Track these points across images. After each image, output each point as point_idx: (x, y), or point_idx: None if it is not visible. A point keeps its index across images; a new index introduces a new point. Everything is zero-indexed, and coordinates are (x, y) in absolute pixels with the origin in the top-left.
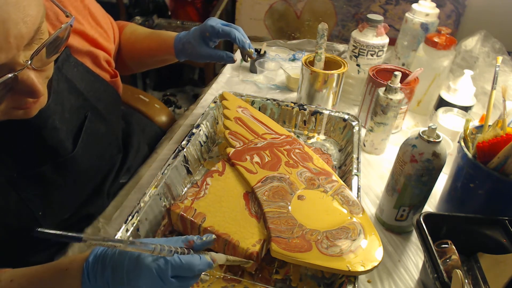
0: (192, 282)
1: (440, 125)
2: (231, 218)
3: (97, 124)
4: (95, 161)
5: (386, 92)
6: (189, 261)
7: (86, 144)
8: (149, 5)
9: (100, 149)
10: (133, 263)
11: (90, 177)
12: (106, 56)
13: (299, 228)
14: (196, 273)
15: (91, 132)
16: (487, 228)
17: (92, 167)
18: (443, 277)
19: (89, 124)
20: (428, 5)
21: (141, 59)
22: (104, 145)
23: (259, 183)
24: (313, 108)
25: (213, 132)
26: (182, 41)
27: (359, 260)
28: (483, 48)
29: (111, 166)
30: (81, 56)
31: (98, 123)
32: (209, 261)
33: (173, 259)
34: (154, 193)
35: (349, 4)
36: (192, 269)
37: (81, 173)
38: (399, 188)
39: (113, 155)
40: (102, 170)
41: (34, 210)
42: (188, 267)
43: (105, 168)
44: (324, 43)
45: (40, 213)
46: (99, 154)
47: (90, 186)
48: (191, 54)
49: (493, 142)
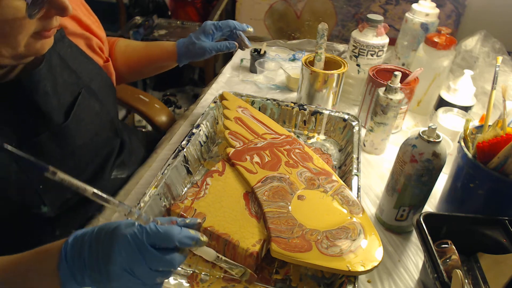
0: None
1: (440, 125)
2: (231, 218)
3: (91, 102)
4: (91, 138)
5: (386, 92)
6: (167, 230)
7: (80, 118)
8: (149, 5)
9: (95, 127)
10: (108, 235)
11: (89, 157)
12: (99, 42)
13: (299, 228)
14: (175, 244)
15: (85, 107)
16: (487, 228)
17: (88, 144)
18: (443, 277)
19: (83, 99)
20: (428, 5)
21: (139, 68)
22: (99, 124)
23: (259, 183)
24: (313, 108)
25: (213, 132)
26: (185, 44)
27: (359, 260)
28: (483, 48)
29: (109, 150)
30: (75, 38)
31: (92, 101)
32: (192, 234)
33: (149, 226)
34: (154, 193)
35: (349, 4)
36: (171, 238)
37: (77, 149)
38: (399, 188)
39: (110, 138)
40: (100, 152)
41: (35, 183)
42: (166, 235)
43: (103, 150)
44: (324, 43)
45: (40, 186)
46: (94, 132)
47: (90, 167)
48: (196, 54)
49: (493, 142)
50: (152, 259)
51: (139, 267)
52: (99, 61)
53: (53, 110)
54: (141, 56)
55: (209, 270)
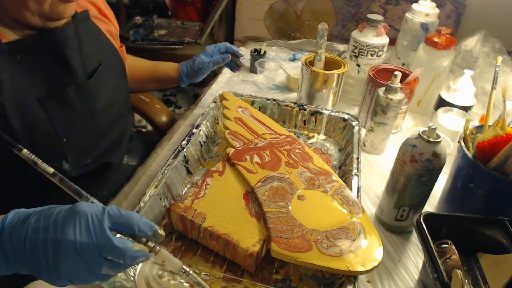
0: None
1: (440, 125)
2: (231, 218)
3: (109, 74)
4: (109, 105)
5: (386, 92)
6: (128, 213)
7: (100, 83)
8: (149, 5)
9: (112, 97)
10: (66, 211)
11: (107, 125)
12: (115, 30)
13: (299, 228)
14: (134, 229)
15: (104, 77)
16: (487, 228)
17: (106, 110)
18: (443, 277)
19: (102, 70)
20: (428, 5)
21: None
22: (115, 96)
23: (259, 183)
24: (313, 108)
25: (213, 132)
26: (187, 63)
27: (359, 260)
28: (483, 48)
29: (124, 125)
30: (96, 21)
31: (110, 73)
32: (152, 223)
33: (111, 208)
34: (154, 193)
35: (349, 4)
36: (131, 222)
37: (97, 111)
38: (399, 188)
39: (124, 113)
40: (116, 124)
41: (60, 134)
42: (127, 218)
43: (118, 123)
44: (324, 43)
45: (64, 139)
46: (111, 101)
47: (108, 137)
48: (197, 69)
49: (493, 142)
50: (104, 243)
51: (89, 249)
52: (116, 45)
53: (79, 67)
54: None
55: (209, 270)
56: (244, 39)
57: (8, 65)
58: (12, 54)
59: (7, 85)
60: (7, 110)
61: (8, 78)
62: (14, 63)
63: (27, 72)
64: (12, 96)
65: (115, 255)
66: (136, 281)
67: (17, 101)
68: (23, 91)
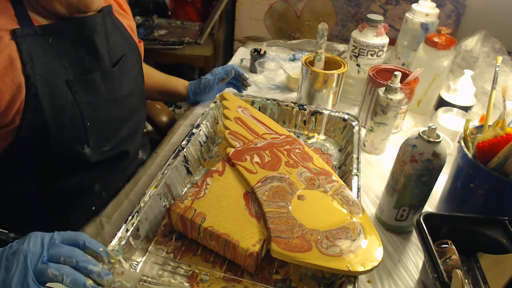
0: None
1: (440, 125)
2: (231, 218)
3: (131, 66)
4: (129, 94)
5: (386, 92)
6: (75, 233)
7: (123, 73)
8: (149, 5)
9: (132, 88)
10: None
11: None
12: (134, 27)
13: (299, 228)
14: (80, 244)
15: (126, 67)
16: (487, 228)
17: (127, 99)
18: (443, 277)
19: (125, 60)
20: (428, 5)
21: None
22: (134, 87)
23: (259, 183)
24: (313, 108)
25: (213, 132)
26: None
27: (359, 260)
28: (483, 48)
29: (140, 117)
30: (119, 16)
31: (131, 65)
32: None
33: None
34: (154, 193)
35: (349, 4)
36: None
37: (119, 99)
38: (399, 188)
39: (140, 106)
40: (133, 114)
41: (84, 118)
42: (75, 235)
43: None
44: (324, 43)
45: (88, 123)
46: (131, 90)
47: (127, 125)
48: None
49: (493, 142)
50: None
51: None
52: (136, 40)
53: (105, 55)
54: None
55: (209, 270)
56: (244, 39)
57: (40, 47)
58: (44, 37)
59: (39, 66)
60: (39, 89)
61: (40, 60)
62: (46, 46)
63: (58, 55)
64: (43, 76)
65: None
66: None
67: (48, 82)
68: (53, 73)
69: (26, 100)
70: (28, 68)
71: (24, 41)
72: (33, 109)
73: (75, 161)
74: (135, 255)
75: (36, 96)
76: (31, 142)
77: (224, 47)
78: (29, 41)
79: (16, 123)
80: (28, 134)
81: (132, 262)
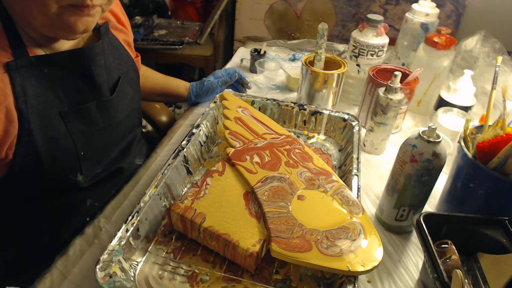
0: None
1: (440, 125)
2: (231, 218)
3: (127, 87)
4: (125, 117)
5: (386, 92)
6: None
7: (120, 97)
8: (149, 5)
9: (127, 110)
10: None
11: (119, 136)
12: (131, 40)
13: (299, 228)
14: None
15: (123, 90)
16: (487, 228)
17: (122, 122)
18: (443, 277)
19: (122, 82)
20: (428, 5)
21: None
22: (130, 108)
23: (259, 183)
24: (313, 108)
25: (213, 132)
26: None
27: (359, 260)
28: (483, 48)
29: (133, 136)
30: (115, 31)
31: (127, 86)
32: None
33: None
34: (154, 193)
35: (349, 4)
36: None
37: (114, 124)
38: (399, 188)
39: (135, 124)
40: (128, 133)
41: (78, 148)
42: None
43: (129, 134)
44: (324, 43)
45: (82, 153)
46: (127, 113)
47: (118, 147)
48: (205, 88)
49: (493, 142)
50: None
51: None
52: (132, 55)
53: (103, 83)
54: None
55: (209, 270)
56: (244, 39)
57: (35, 79)
58: (39, 68)
59: (32, 98)
60: (31, 124)
61: (34, 92)
62: (40, 76)
63: (53, 86)
64: (36, 109)
65: None
66: (136, 281)
67: (41, 114)
68: (47, 104)
69: (19, 135)
70: (21, 102)
71: (17, 74)
72: (26, 143)
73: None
74: (135, 255)
75: (28, 131)
76: (24, 174)
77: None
78: (23, 73)
79: (9, 158)
80: (21, 168)
81: (132, 262)
